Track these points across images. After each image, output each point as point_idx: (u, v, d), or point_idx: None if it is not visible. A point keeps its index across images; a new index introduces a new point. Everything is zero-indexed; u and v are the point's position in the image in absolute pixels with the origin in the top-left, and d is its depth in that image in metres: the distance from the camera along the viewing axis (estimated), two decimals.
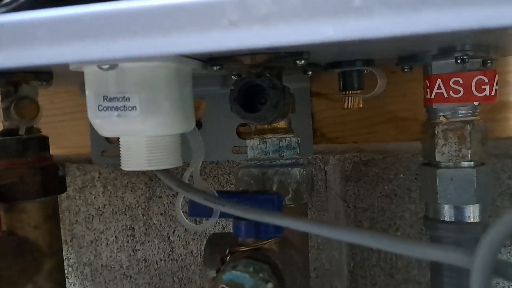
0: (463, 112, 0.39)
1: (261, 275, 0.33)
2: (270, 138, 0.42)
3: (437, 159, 0.40)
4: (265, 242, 0.37)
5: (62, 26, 0.19)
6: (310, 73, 0.44)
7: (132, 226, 0.65)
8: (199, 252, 0.63)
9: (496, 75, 0.38)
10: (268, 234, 0.37)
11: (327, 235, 0.31)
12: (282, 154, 0.42)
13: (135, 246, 0.65)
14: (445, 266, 0.39)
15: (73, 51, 0.18)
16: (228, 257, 0.38)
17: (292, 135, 0.43)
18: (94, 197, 0.66)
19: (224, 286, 0.32)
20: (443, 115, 0.40)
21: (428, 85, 0.40)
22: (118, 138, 0.38)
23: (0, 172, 0.43)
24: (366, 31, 0.14)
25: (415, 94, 0.52)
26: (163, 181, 0.39)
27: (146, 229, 0.65)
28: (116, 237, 0.66)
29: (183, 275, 0.64)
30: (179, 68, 0.35)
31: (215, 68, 0.38)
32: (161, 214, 0.64)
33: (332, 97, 0.57)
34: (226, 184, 0.61)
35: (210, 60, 0.37)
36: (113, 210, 0.65)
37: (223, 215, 0.38)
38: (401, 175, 0.57)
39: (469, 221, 0.40)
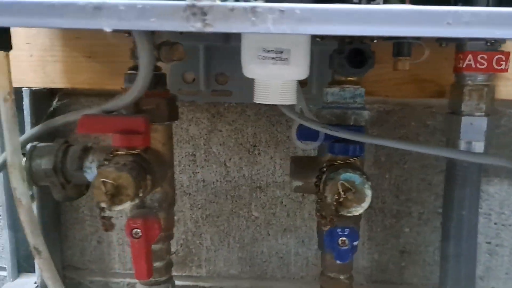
0: (483, 78, 0.58)
1: (364, 176, 0.50)
2: (348, 87, 0.58)
3: (462, 109, 0.59)
4: (354, 158, 0.54)
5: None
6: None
7: (194, 153, 0.79)
8: (250, 175, 0.79)
9: (510, 55, 0.56)
10: (355, 153, 0.54)
11: (403, 148, 0.48)
12: (355, 100, 0.59)
13: (195, 169, 0.80)
14: (458, 166, 0.59)
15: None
16: (325, 168, 0.55)
17: (360, 87, 0.60)
18: None
19: (343, 181, 0.49)
20: (469, 80, 0.58)
21: (462, 57, 0.58)
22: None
23: (143, 99, 0.56)
24: None
25: (436, 62, 0.70)
26: (286, 113, 0.54)
27: (206, 156, 0.79)
28: (179, 161, 0.79)
29: (235, 193, 0.80)
30: None
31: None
32: (220, 144, 0.78)
33: None
34: (276, 123, 0.77)
35: None
36: (177, 139, 0.78)
37: (326, 138, 0.54)
38: (412, 123, 0.76)
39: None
